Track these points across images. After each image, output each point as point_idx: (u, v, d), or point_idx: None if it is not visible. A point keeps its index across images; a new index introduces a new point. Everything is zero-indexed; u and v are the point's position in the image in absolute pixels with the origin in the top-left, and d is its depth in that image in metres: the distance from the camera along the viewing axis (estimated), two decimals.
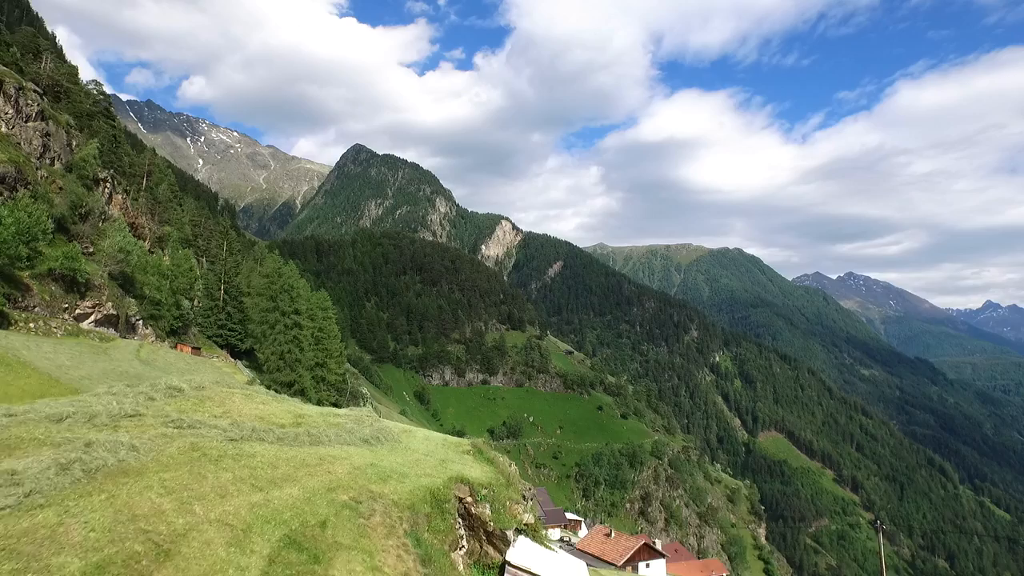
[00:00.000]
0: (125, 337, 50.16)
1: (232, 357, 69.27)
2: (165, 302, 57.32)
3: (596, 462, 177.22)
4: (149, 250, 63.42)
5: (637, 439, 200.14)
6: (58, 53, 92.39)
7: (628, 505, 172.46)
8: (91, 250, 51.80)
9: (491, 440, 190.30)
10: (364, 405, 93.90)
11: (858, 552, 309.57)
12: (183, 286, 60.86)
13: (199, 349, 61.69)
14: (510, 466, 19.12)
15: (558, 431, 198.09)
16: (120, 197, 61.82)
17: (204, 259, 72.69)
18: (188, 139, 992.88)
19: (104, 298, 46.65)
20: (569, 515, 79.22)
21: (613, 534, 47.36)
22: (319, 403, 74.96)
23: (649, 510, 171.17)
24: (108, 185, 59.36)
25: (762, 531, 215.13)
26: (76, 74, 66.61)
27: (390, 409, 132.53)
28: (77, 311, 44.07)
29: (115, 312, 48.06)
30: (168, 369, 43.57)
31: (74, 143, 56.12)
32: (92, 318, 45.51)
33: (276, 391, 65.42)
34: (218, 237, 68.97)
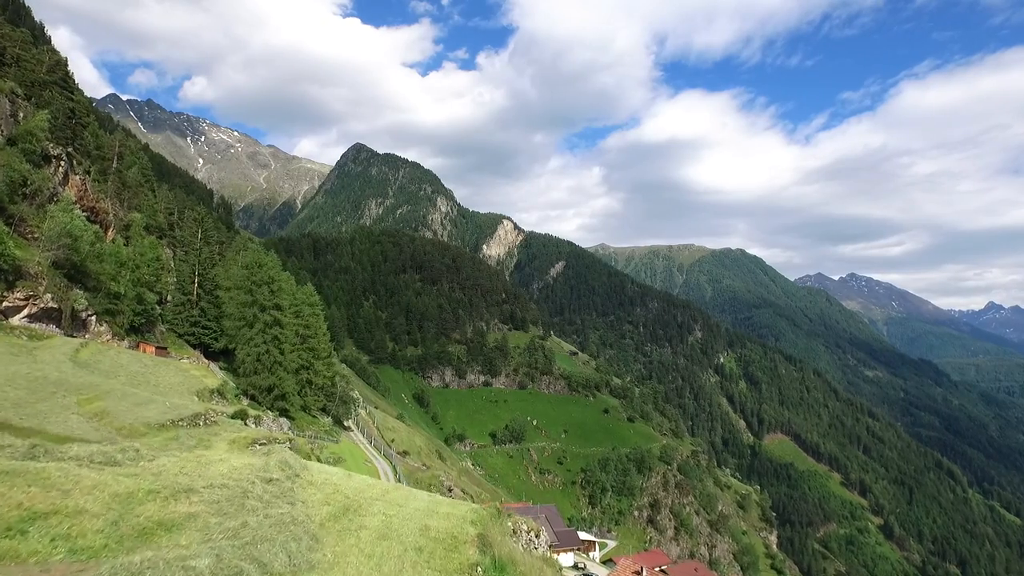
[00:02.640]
0: (72, 335, 43.15)
1: (206, 358, 62.15)
2: (125, 295, 50.24)
3: (603, 468, 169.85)
4: (111, 238, 56.46)
5: (645, 443, 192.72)
6: (12, 18, 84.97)
7: (636, 513, 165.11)
8: (37, 235, 44.81)
9: (493, 444, 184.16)
10: (356, 410, 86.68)
11: (867, 557, 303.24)
12: (148, 278, 53.84)
13: (165, 349, 54.61)
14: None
15: (563, 435, 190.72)
16: (79, 178, 54.93)
17: (181, 250, 65.85)
18: (189, 139, 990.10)
19: (42, 289, 39.66)
20: (583, 534, 72.13)
21: (645, 572, 40.33)
22: (304, 409, 67.75)
23: (658, 518, 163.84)
24: (63, 163, 52.47)
25: (774, 539, 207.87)
26: (28, 40, 59.56)
27: (386, 413, 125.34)
28: (4, 304, 37.05)
29: (57, 306, 41.04)
30: (114, 373, 36.47)
31: (20, 114, 49.31)
32: (25, 312, 38.52)
33: (253, 396, 58.32)
34: (192, 224, 61.96)
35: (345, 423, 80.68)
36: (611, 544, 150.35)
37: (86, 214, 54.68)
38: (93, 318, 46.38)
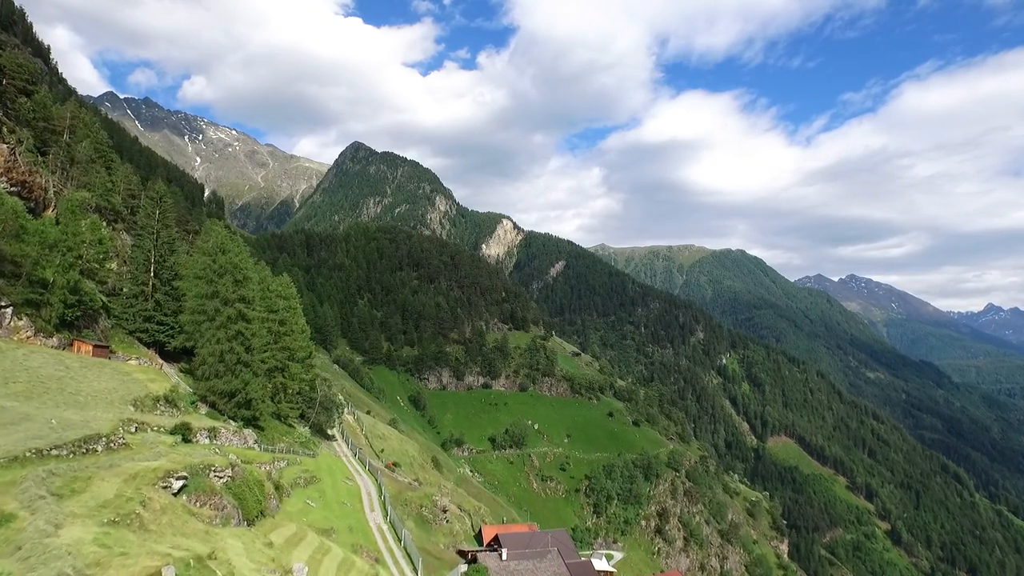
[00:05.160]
0: None
1: (163, 358, 53.65)
2: (54, 283, 41.85)
3: (608, 474, 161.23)
4: (40, 217, 48.18)
5: (651, 448, 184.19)
6: None
7: (643, 522, 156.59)
8: None
9: (493, 449, 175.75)
10: (339, 416, 78.15)
11: (875, 564, 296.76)
12: (88, 264, 45.54)
13: (107, 348, 46.11)
14: None
15: (565, 439, 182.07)
16: (7, 147, 46.64)
17: (136, 234, 57.53)
18: (186, 137, 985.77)
19: None
20: (598, 563, 63.82)
21: None
22: (278, 417, 59.27)
23: (667, 528, 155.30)
24: None
25: (784, 548, 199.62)
26: None
27: (378, 419, 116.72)
28: None
29: None
30: (6, 379, 27.98)
31: None
32: None
33: (214, 403, 49.79)
34: (149, 204, 53.60)
35: (329, 431, 72.24)
36: (617, 556, 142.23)
37: (15, 189, 46.36)
38: (9, 310, 38.16)
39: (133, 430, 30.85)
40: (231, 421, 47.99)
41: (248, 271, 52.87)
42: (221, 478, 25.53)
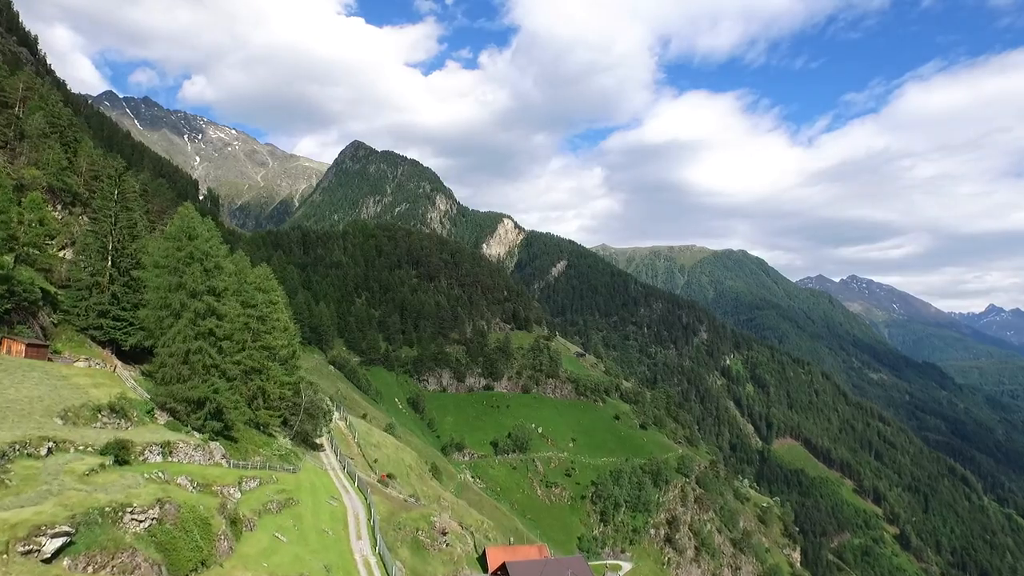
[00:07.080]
0: None
1: (121, 359, 46.68)
2: None
3: (615, 480, 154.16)
4: None
5: (660, 452, 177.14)
6: None
7: (652, 531, 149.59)
8: None
9: (495, 454, 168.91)
10: (327, 424, 71.07)
11: (884, 569, 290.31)
12: (25, 248, 38.81)
13: (45, 347, 39.19)
14: None
15: (571, 444, 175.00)
16: None
17: (91, 216, 50.84)
18: (186, 136, 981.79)
19: None
20: None
21: None
22: (257, 426, 52.20)
23: (677, 537, 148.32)
24: None
25: (797, 555, 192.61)
26: None
27: (373, 424, 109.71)
28: None
29: None
30: None
31: None
32: None
33: (175, 412, 42.82)
34: (107, 184, 46.76)
35: (316, 440, 65.35)
36: (626, 567, 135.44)
37: None
38: None
39: (44, 452, 23.90)
40: (195, 432, 41.02)
41: (220, 260, 45.95)
42: (140, 521, 18.60)
